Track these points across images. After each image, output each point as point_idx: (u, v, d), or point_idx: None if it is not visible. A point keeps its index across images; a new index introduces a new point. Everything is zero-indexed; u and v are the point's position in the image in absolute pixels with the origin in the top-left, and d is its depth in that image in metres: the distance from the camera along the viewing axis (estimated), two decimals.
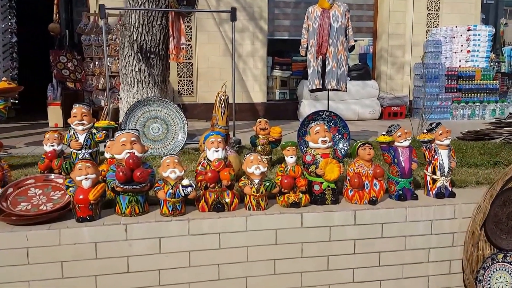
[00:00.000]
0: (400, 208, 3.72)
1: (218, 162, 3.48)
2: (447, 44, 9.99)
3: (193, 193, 3.34)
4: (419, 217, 3.76)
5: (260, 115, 9.75)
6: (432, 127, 3.93)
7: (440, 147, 3.90)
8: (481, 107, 9.90)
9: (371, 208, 3.69)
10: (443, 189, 3.90)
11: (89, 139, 4.80)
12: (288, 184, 3.55)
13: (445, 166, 3.87)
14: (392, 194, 3.89)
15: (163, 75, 6.68)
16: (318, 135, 3.67)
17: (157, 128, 5.90)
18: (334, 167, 3.64)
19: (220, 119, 4.53)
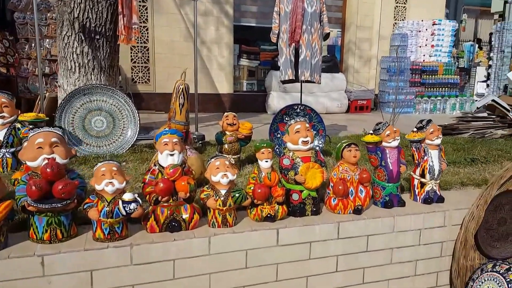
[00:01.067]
0: (388, 218, 3.09)
1: (173, 170, 2.71)
2: (413, 38, 9.53)
3: (138, 210, 2.56)
4: (408, 226, 3.15)
5: (226, 106, 8.97)
6: (423, 125, 3.31)
7: (430, 147, 3.30)
8: (442, 101, 9.55)
9: (356, 218, 3.04)
10: (431, 194, 3.31)
11: (11, 135, 3.90)
12: (262, 195, 2.83)
13: (435, 169, 3.27)
14: (377, 200, 3.26)
15: (111, 60, 5.66)
16: (298, 134, 2.97)
17: (101, 122, 4.98)
18: (316, 172, 2.95)
19: (178, 113, 3.75)
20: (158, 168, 2.82)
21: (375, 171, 3.26)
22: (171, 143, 2.80)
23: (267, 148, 2.94)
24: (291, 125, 3.03)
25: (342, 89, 9.20)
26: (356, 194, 3.08)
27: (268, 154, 2.93)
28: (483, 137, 5.72)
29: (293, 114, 4.67)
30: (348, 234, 3.00)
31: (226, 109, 8.99)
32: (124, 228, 2.61)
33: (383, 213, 3.14)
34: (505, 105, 5.90)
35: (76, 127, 4.90)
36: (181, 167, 2.77)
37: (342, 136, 6.19)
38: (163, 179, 2.71)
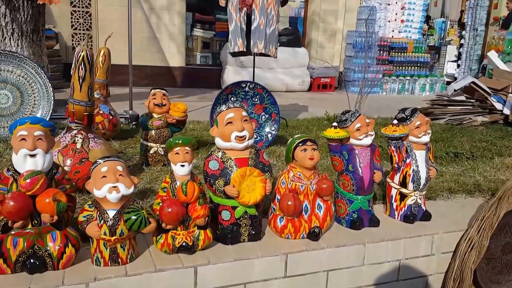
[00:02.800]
0: (356, 246, 2.15)
1: (30, 180, 1.66)
2: (382, 11, 8.56)
3: None
4: (383, 257, 2.22)
5: (177, 81, 7.81)
6: (406, 115, 2.36)
7: (415, 146, 2.35)
8: (411, 81, 8.70)
9: (311, 247, 2.09)
10: (415, 209, 2.38)
11: None
12: (173, 216, 1.82)
13: (421, 176, 2.34)
14: (341, 217, 2.31)
15: (35, 23, 4.58)
16: (231, 127, 1.96)
17: (6, 97, 3.84)
18: (255, 182, 1.97)
19: (77, 89, 2.62)
20: (12, 174, 1.76)
21: (339, 178, 2.31)
22: (31, 137, 1.73)
23: (184, 145, 1.91)
24: (221, 113, 2.00)
25: (304, 65, 8.19)
26: (313, 211, 2.12)
27: (186, 155, 1.91)
28: (461, 124, 4.89)
29: (241, 93, 3.65)
30: (300, 270, 2.04)
31: (177, 84, 7.83)
32: None
33: (349, 237, 2.18)
34: (486, 88, 5.07)
35: None
36: (46, 176, 1.72)
37: (301, 118, 5.22)
38: (15, 194, 1.66)
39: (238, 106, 2.01)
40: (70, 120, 2.67)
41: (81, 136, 2.65)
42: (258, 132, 3.72)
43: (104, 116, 3.78)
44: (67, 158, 2.57)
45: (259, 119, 3.73)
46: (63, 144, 2.62)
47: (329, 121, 4.89)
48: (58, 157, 2.57)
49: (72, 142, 2.62)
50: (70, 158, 2.57)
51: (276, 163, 3.26)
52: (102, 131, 3.74)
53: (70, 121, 2.67)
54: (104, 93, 3.92)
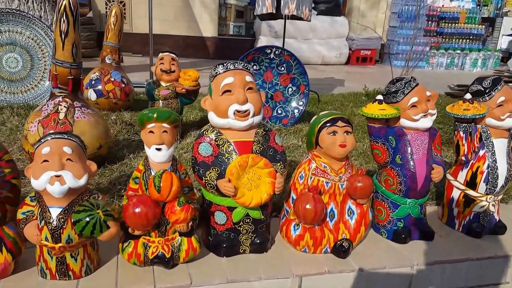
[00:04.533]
0: (401, 268, 1.49)
1: None
2: None
3: None
4: (436, 284, 1.54)
5: (209, 52, 7.19)
6: (485, 87, 1.60)
7: (494, 132, 1.61)
8: (461, 55, 7.58)
9: (337, 267, 1.45)
10: (484, 219, 1.66)
11: None
12: (141, 219, 1.23)
13: (499, 174, 1.60)
14: (380, 225, 1.64)
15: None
16: (229, 97, 1.32)
17: (15, 61, 3.38)
18: (261, 175, 1.34)
19: (59, 47, 2.04)
20: None
21: (380, 172, 1.63)
22: None
23: (160, 121, 1.30)
24: (216, 77, 1.36)
25: (343, 36, 7.30)
26: (341, 218, 1.48)
27: (163, 135, 1.30)
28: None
29: (265, 61, 2.97)
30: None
31: (209, 55, 7.21)
32: None
33: (391, 255, 1.52)
34: None
35: None
36: None
37: (336, 93, 4.48)
38: None
39: (241, 67, 1.36)
40: (53, 85, 2.11)
41: (65, 105, 2.10)
42: (283, 106, 3.06)
43: (115, 84, 3.23)
44: (47, 130, 2.03)
45: (284, 92, 3.06)
46: (44, 113, 2.08)
47: (368, 97, 4.13)
48: (38, 129, 2.05)
49: (54, 111, 2.08)
50: (51, 130, 2.03)
51: (302, 144, 2.61)
52: (113, 100, 3.21)
53: (53, 86, 2.12)
54: (116, 58, 3.36)
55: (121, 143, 2.55)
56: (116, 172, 2.14)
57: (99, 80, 3.19)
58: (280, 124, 3.02)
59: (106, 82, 3.19)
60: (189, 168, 1.54)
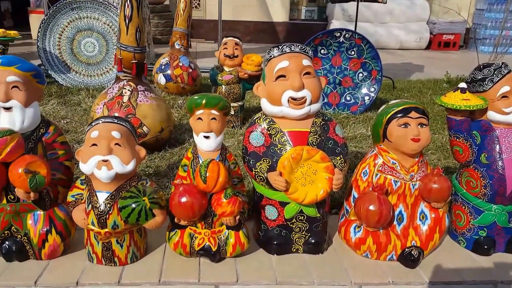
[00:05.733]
0: (481, 286, 1.24)
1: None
2: None
3: None
4: None
5: (280, 37, 7.01)
6: (485, 76, 1.26)
7: None
8: None
9: (404, 279, 1.25)
10: None
11: None
12: (186, 209, 1.15)
13: None
14: (459, 233, 1.39)
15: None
16: (283, 83, 1.17)
17: (92, 45, 3.51)
18: (317, 170, 1.18)
19: (123, 32, 2.01)
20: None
21: (461, 172, 1.37)
22: (4, 84, 1.18)
23: (209, 107, 1.19)
24: (270, 61, 1.21)
25: (424, 19, 6.66)
26: (411, 222, 1.27)
27: (212, 122, 1.19)
28: None
29: (333, 44, 2.74)
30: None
31: (280, 40, 7.03)
32: None
33: (470, 267, 1.29)
34: None
35: (64, 51, 3.49)
36: (29, 137, 1.18)
37: (414, 79, 4.09)
38: None
39: (298, 50, 1.19)
40: (118, 69, 2.12)
41: (129, 88, 2.10)
42: (352, 93, 2.82)
43: (183, 69, 3.22)
44: (112, 113, 2.05)
45: (354, 77, 2.81)
46: (110, 96, 2.09)
47: (449, 84, 3.70)
48: (103, 110, 2.07)
49: (119, 95, 2.08)
50: (116, 113, 2.04)
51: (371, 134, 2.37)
52: (181, 85, 3.21)
53: (117, 70, 2.13)
54: (185, 43, 3.35)
55: (184, 127, 2.52)
56: (175, 156, 2.10)
57: (168, 65, 3.20)
58: (349, 111, 2.79)
59: (174, 67, 3.20)
60: (240, 157, 1.43)
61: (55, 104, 2.81)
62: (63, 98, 2.99)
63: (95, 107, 2.09)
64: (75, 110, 2.76)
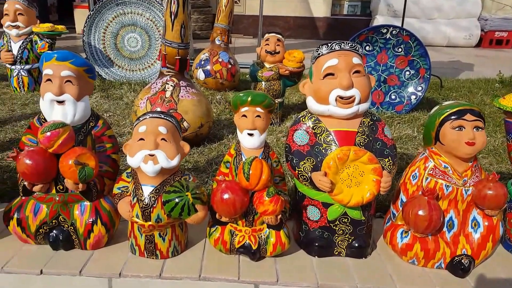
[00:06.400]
0: None
1: (50, 133, 1.17)
2: None
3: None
4: None
5: (320, 33, 6.93)
6: None
7: None
8: None
9: (452, 285, 1.21)
10: None
11: (25, 49, 2.92)
12: (228, 206, 1.16)
13: None
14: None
15: None
16: (331, 82, 1.15)
17: (135, 40, 3.61)
18: (364, 172, 1.15)
19: (168, 28, 2.06)
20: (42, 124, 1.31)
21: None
22: (58, 78, 1.23)
23: (254, 105, 1.19)
24: (318, 58, 1.20)
25: (475, 15, 6.36)
26: (462, 229, 1.22)
27: (256, 120, 1.19)
28: None
29: (380, 41, 2.68)
30: None
31: (320, 36, 6.96)
32: None
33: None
34: None
35: (108, 45, 3.61)
36: (79, 130, 1.25)
37: (463, 78, 3.92)
38: (32, 151, 1.20)
39: (347, 48, 1.17)
40: (162, 64, 2.17)
41: (172, 84, 2.14)
42: (398, 91, 2.74)
43: (222, 65, 3.26)
44: (155, 107, 2.10)
45: (401, 75, 2.73)
46: (153, 91, 2.15)
47: (502, 84, 3.52)
48: (146, 105, 2.13)
49: (162, 90, 2.14)
50: (158, 108, 2.10)
51: (418, 135, 2.30)
52: (220, 80, 3.25)
53: (161, 65, 2.18)
54: (225, 39, 3.38)
55: (222, 123, 2.55)
56: (214, 151, 2.13)
57: (208, 61, 3.24)
58: (393, 110, 2.72)
59: (214, 63, 3.23)
60: (282, 155, 1.43)
61: (98, 98, 2.92)
62: (106, 92, 3.09)
63: (139, 102, 2.16)
64: (117, 104, 2.85)
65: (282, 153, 1.85)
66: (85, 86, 1.29)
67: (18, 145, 1.34)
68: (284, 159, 1.31)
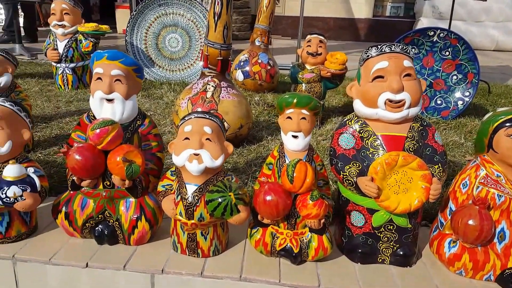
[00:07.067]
0: None
1: (100, 130, 1.23)
2: None
3: (27, 201, 1.29)
4: None
5: (361, 35, 6.84)
6: None
7: None
8: None
9: None
10: None
11: (71, 48, 3.03)
12: (271, 208, 1.17)
13: None
14: None
15: None
16: (380, 84, 1.14)
17: (176, 41, 3.69)
18: (413, 178, 1.13)
19: (211, 29, 2.10)
20: (91, 121, 1.37)
21: None
22: (108, 77, 1.29)
23: (300, 107, 1.20)
24: (367, 60, 1.19)
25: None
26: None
27: (301, 122, 1.19)
28: None
29: (426, 44, 2.62)
30: None
31: (360, 38, 6.87)
32: (15, 225, 1.36)
33: None
34: None
35: (149, 45, 3.73)
36: (127, 128, 1.30)
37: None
38: (82, 147, 1.26)
39: (398, 50, 1.16)
40: (204, 65, 2.21)
41: (213, 84, 2.18)
42: (444, 96, 2.67)
43: (262, 66, 3.28)
44: (196, 107, 2.15)
45: (447, 80, 2.66)
46: (194, 91, 2.20)
47: None
48: (187, 105, 2.18)
49: (203, 90, 2.18)
50: (199, 108, 2.15)
51: (465, 142, 2.23)
52: (259, 81, 3.27)
53: (203, 66, 2.22)
54: (265, 40, 3.40)
55: (261, 124, 2.57)
56: (253, 153, 2.15)
57: (247, 62, 3.27)
58: (439, 116, 2.65)
59: (253, 64, 3.26)
60: (326, 158, 1.42)
61: (140, 97, 3.01)
62: (146, 91, 3.18)
63: (180, 102, 2.21)
64: (157, 103, 2.93)
65: (322, 156, 1.84)
66: (133, 85, 1.35)
67: (66, 141, 1.42)
68: (327, 163, 1.31)
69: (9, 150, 1.28)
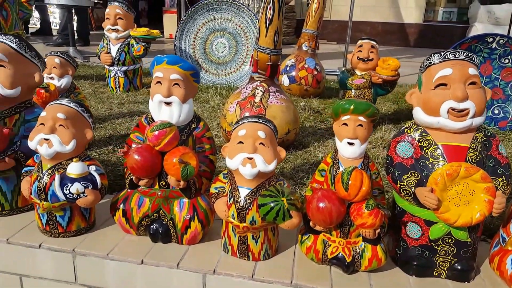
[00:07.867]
0: None
1: (158, 132, 1.28)
2: None
3: (88, 197, 1.37)
4: None
5: (410, 40, 6.70)
6: None
7: None
8: None
9: None
10: None
11: (123, 52, 3.18)
12: (324, 215, 1.17)
13: None
14: None
15: None
16: (442, 93, 1.12)
17: (223, 46, 3.77)
18: (475, 190, 1.10)
19: (262, 34, 2.11)
20: (149, 123, 1.43)
21: None
22: (167, 81, 1.35)
23: (357, 113, 1.20)
24: (429, 67, 1.17)
25: None
26: None
27: (357, 129, 1.19)
28: None
29: (484, 50, 2.53)
30: None
31: (410, 43, 6.72)
32: (76, 221, 1.45)
33: None
34: None
35: (197, 50, 3.84)
36: (183, 130, 1.36)
37: None
38: (141, 147, 1.32)
39: (463, 57, 1.14)
40: (253, 70, 2.25)
41: (262, 89, 2.22)
42: (502, 106, 2.57)
43: (308, 71, 3.29)
44: (244, 112, 2.19)
45: (506, 89, 2.55)
46: (243, 96, 2.24)
47: None
48: (236, 110, 2.23)
49: (251, 95, 2.22)
50: (247, 112, 2.19)
51: None
52: (305, 87, 3.28)
53: (252, 71, 2.26)
54: (313, 45, 3.41)
55: (307, 130, 2.57)
56: (300, 159, 2.16)
57: (293, 67, 3.29)
58: (496, 126, 2.55)
59: (300, 69, 3.27)
60: (381, 167, 1.41)
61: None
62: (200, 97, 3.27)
63: (228, 106, 2.26)
64: (204, 107, 3.00)
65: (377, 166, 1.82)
66: (190, 89, 1.40)
67: (125, 141, 1.49)
68: (383, 171, 1.30)
69: (73, 149, 1.37)
